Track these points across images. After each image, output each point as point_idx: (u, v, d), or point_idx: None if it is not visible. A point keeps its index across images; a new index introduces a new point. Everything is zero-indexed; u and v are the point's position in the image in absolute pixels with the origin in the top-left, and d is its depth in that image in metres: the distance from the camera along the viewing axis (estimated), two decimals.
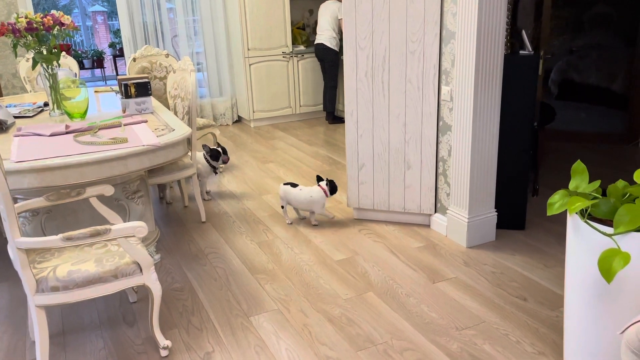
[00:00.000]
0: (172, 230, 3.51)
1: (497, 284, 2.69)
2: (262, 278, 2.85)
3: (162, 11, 6.05)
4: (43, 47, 3.08)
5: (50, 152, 2.43)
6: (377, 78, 3.18)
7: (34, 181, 2.32)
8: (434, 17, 2.95)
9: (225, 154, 3.92)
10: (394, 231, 3.35)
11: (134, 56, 4.38)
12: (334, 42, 5.92)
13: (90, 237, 1.94)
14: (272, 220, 3.60)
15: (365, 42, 3.14)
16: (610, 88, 5.41)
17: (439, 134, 3.16)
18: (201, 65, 6.46)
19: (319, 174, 4.43)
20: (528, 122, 3.06)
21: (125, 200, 2.95)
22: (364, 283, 2.76)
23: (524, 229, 3.27)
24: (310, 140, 5.60)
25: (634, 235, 1.54)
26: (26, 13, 2.98)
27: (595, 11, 5.61)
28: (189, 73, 3.41)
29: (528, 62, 2.97)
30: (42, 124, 3.04)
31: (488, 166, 3.01)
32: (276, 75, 6.25)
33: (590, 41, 5.71)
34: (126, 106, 3.22)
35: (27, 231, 2.78)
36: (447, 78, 3.00)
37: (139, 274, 2.10)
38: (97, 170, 2.43)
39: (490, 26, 2.76)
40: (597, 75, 5.53)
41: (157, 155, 2.64)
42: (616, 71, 5.35)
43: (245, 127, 6.39)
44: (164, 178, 3.35)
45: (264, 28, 6.02)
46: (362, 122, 3.30)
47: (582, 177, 1.65)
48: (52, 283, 1.98)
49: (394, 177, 3.33)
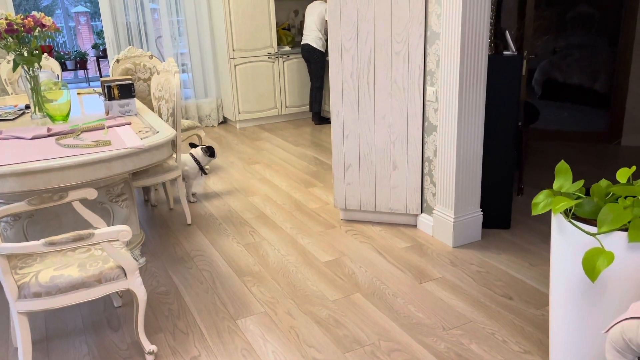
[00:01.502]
0: (157, 233, 3.47)
1: (483, 283, 2.71)
2: (248, 280, 2.83)
3: (146, 12, 6.00)
4: (24, 49, 3.03)
5: (31, 156, 2.39)
6: (363, 79, 3.18)
7: (15, 185, 2.28)
8: (419, 18, 2.96)
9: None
10: (380, 232, 3.35)
11: (117, 57, 4.34)
12: (319, 42, 5.91)
13: (73, 242, 1.91)
14: (258, 221, 3.58)
15: (350, 43, 3.14)
16: (593, 87, 5.48)
17: (424, 135, 3.17)
18: (186, 66, 6.41)
19: (304, 175, 4.43)
20: (512, 121, 3.09)
21: (109, 204, 2.91)
22: (351, 284, 2.76)
23: (510, 228, 3.29)
24: (296, 141, 5.59)
25: (618, 234, 1.56)
26: (6, 14, 2.93)
27: (578, 11, 5.67)
28: (172, 74, 3.38)
29: (512, 62, 3.00)
30: (24, 127, 2.99)
31: (473, 166, 3.03)
32: (262, 76, 6.23)
33: (573, 41, 5.78)
34: (109, 108, 3.19)
35: (9, 236, 2.73)
36: (432, 79, 3.01)
37: (123, 279, 2.08)
38: (79, 173, 2.40)
39: (474, 27, 2.77)
40: (580, 74, 5.60)
41: (141, 158, 2.61)
42: (599, 70, 5.42)
43: (231, 128, 6.36)
44: (149, 180, 3.32)
45: (249, 29, 6.00)
46: (348, 123, 3.30)
47: (565, 177, 1.67)
48: (35, 289, 1.95)
49: (380, 178, 3.33)
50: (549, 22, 5.76)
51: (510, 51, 3.09)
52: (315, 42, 5.90)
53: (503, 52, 3.09)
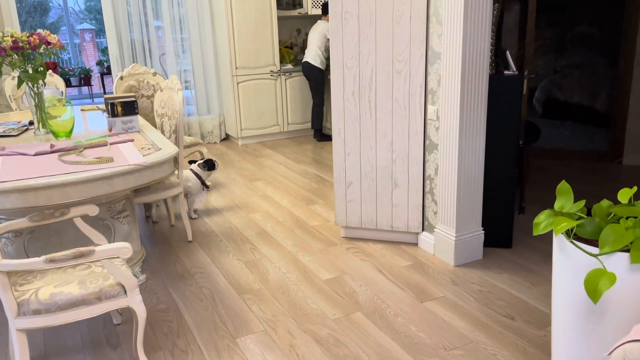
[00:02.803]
0: (158, 250, 3.47)
1: (485, 302, 2.69)
2: (248, 298, 2.82)
3: (150, 29, 6.06)
4: (29, 66, 3.06)
5: (34, 172, 2.40)
6: (364, 97, 3.20)
7: (17, 202, 2.29)
8: (420, 38, 2.98)
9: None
10: (382, 250, 3.34)
11: (121, 75, 4.37)
12: (318, 60, 5.96)
13: (74, 259, 1.91)
14: (259, 238, 3.57)
15: (352, 62, 3.17)
16: (593, 106, 5.50)
17: (425, 153, 3.17)
18: (189, 83, 6.46)
19: (306, 192, 4.44)
20: (513, 140, 3.09)
21: (110, 220, 2.91)
22: (351, 303, 2.74)
23: (511, 247, 3.28)
24: (298, 158, 5.61)
25: (620, 255, 1.55)
26: (12, 32, 2.97)
27: (578, 31, 5.72)
28: (176, 92, 3.41)
29: (512, 82, 3.01)
30: (27, 143, 3.01)
31: (474, 185, 3.03)
32: (264, 93, 6.27)
33: (573, 61, 5.82)
34: (112, 125, 3.20)
35: (10, 252, 2.73)
36: (433, 97, 3.03)
37: (123, 296, 2.07)
38: (81, 190, 2.41)
39: (475, 47, 2.80)
40: (581, 93, 5.63)
41: (143, 175, 2.62)
42: (599, 90, 5.45)
43: (233, 145, 6.38)
44: (150, 197, 3.32)
45: (251, 47, 6.06)
46: (350, 140, 3.31)
47: (567, 197, 1.67)
48: (34, 306, 1.94)
49: (381, 196, 3.33)
50: (550, 42, 5.82)
51: (511, 71, 3.11)
52: (314, 59, 5.96)
53: (504, 72, 3.11)
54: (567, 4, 5.65)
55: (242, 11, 5.90)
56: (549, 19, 5.65)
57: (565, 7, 5.67)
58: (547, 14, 5.59)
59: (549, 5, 5.62)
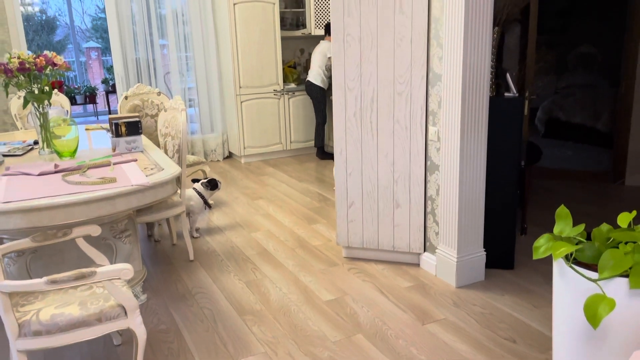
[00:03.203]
0: (159, 269, 3.47)
1: (487, 325, 2.68)
2: (249, 319, 2.81)
3: (155, 48, 6.14)
4: (34, 87, 3.10)
5: (38, 192, 2.42)
6: (366, 118, 3.23)
7: (21, 222, 2.30)
8: (421, 61, 3.02)
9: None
10: (383, 270, 3.33)
11: (125, 94, 4.42)
12: (319, 78, 6.01)
13: (75, 280, 1.91)
14: (260, 258, 3.58)
15: (353, 83, 3.20)
16: (595, 127, 5.52)
17: (427, 173, 3.19)
18: (193, 102, 6.52)
19: (308, 211, 4.45)
20: (514, 161, 3.11)
21: (112, 240, 2.92)
22: (352, 324, 2.73)
23: (513, 268, 3.27)
24: (300, 176, 5.62)
25: (619, 280, 1.55)
26: (19, 54, 3.01)
27: (580, 52, 5.77)
28: (179, 112, 3.44)
29: (513, 104, 3.04)
30: (31, 162, 3.04)
31: (476, 206, 3.03)
32: (267, 112, 6.31)
33: (575, 81, 5.86)
34: (116, 145, 3.23)
35: (12, 272, 2.74)
36: (434, 119, 3.05)
37: (123, 317, 2.07)
38: (84, 210, 2.42)
39: (475, 70, 2.83)
40: (583, 114, 5.65)
41: (146, 195, 2.64)
42: (601, 110, 5.47)
43: (236, 163, 6.41)
44: (153, 216, 3.34)
45: (255, 66, 6.12)
46: (351, 160, 3.33)
47: (566, 221, 1.67)
48: (35, 327, 1.95)
49: (383, 216, 3.34)
50: (551, 63, 5.86)
51: (511, 93, 3.13)
52: (315, 78, 6.02)
53: (504, 94, 3.14)
54: (569, 25, 5.71)
55: (246, 31, 5.98)
56: (551, 39, 5.70)
57: (567, 28, 5.73)
58: (549, 35, 5.64)
59: (551, 27, 5.68)
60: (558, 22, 5.75)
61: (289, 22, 6.71)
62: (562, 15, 5.73)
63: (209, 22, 6.24)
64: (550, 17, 5.60)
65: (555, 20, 5.72)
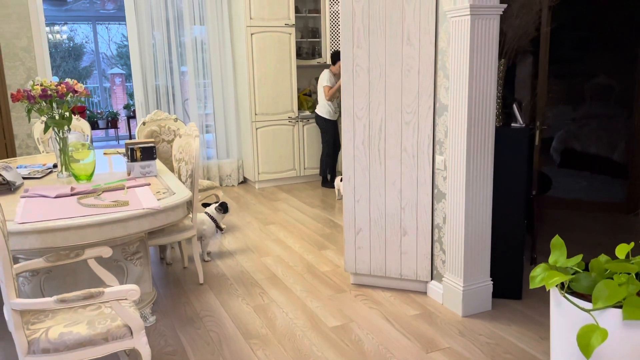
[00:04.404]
0: (169, 292, 3.53)
1: (492, 355, 2.67)
2: (255, 343, 2.84)
3: (174, 75, 6.31)
4: (55, 113, 3.24)
5: (53, 214, 2.51)
6: (374, 146, 3.29)
7: (35, 242, 2.39)
8: (428, 91, 3.08)
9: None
10: (390, 297, 3.34)
11: (143, 120, 4.56)
12: (324, 110, 6.08)
13: (84, 300, 1.98)
14: (269, 283, 3.61)
15: (362, 112, 3.27)
16: (611, 157, 5.49)
17: (434, 202, 3.22)
18: (210, 127, 6.66)
19: (318, 237, 4.48)
20: (522, 191, 3.12)
21: (124, 262, 3.00)
22: (357, 351, 2.74)
23: (521, 299, 3.25)
24: (312, 202, 5.68)
25: (613, 311, 1.56)
26: (42, 81, 3.16)
27: (596, 83, 5.78)
28: (193, 138, 3.54)
29: (520, 134, 3.07)
30: (49, 185, 3.15)
31: (482, 235, 3.04)
32: (282, 138, 6.42)
33: (590, 112, 5.85)
34: (131, 169, 3.34)
35: (26, 291, 2.82)
36: (441, 148, 3.10)
37: (129, 338, 2.12)
38: (97, 232, 2.51)
39: (481, 101, 2.88)
40: (598, 144, 5.63)
41: (157, 218, 2.72)
42: (617, 141, 5.45)
43: (250, 188, 6.51)
44: (164, 239, 3.41)
45: (271, 94, 6.26)
46: (359, 188, 3.38)
47: (560, 251, 1.69)
48: (44, 345, 2.01)
49: (390, 243, 3.36)
50: (567, 93, 5.87)
51: (518, 123, 3.17)
52: (319, 109, 6.12)
53: (511, 125, 3.18)
54: (586, 56, 5.73)
55: (263, 59, 6.13)
56: (567, 70, 5.72)
57: (583, 59, 5.75)
58: (565, 66, 5.66)
59: (568, 57, 5.70)
60: (575, 53, 5.77)
61: (305, 51, 6.86)
62: (578, 46, 5.76)
63: (227, 50, 6.42)
64: (567, 48, 5.64)
65: (572, 51, 5.76)
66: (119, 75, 14.48)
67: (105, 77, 15.09)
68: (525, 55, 4.86)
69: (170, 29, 6.22)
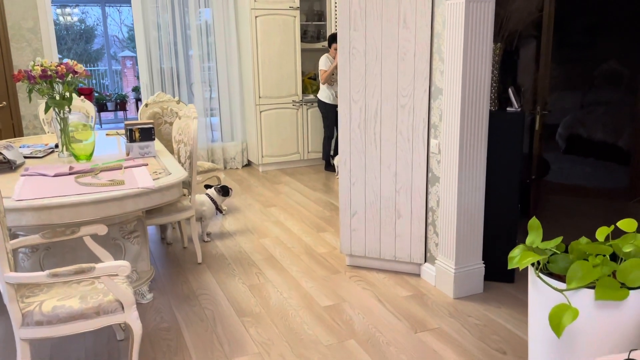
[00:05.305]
0: (168, 271, 3.60)
1: (480, 336, 2.70)
2: (247, 321, 2.90)
3: (179, 58, 6.34)
4: (56, 93, 3.29)
5: (50, 192, 2.57)
6: (370, 129, 3.30)
7: (32, 219, 2.46)
8: (424, 74, 3.08)
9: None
10: (384, 279, 3.38)
11: (146, 102, 4.61)
12: (323, 94, 6.07)
13: (75, 274, 2.04)
14: (266, 263, 3.67)
15: (358, 95, 3.29)
16: (616, 144, 5.44)
17: (428, 185, 3.23)
18: (215, 111, 6.70)
19: (318, 219, 4.53)
20: (516, 175, 3.13)
21: (121, 240, 3.06)
22: (347, 330, 2.79)
23: (513, 282, 3.28)
24: (314, 185, 5.72)
25: (585, 291, 1.58)
26: (42, 62, 3.20)
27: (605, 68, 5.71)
28: (192, 120, 3.58)
29: (514, 118, 3.07)
30: (49, 164, 3.21)
31: (474, 218, 3.06)
32: (286, 122, 6.44)
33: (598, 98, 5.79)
34: (130, 150, 3.39)
35: (26, 266, 2.90)
36: (436, 131, 3.11)
37: (120, 312, 2.18)
38: (92, 210, 2.56)
39: (475, 84, 2.88)
40: (604, 131, 5.58)
41: (152, 198, 2.77)
42: (623, 127, 5.40)
43: (254, 171, 6.55)
44: (163, 219, 3.47)
45: (275, 77, 6.27)
46: (355, 171, 3.41)
47: (537, 233, 1.71)
48: (37, 317, 2.08)
49: (385, 226, 3.39)
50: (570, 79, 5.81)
51: (513, 108, 3.16)
52: (320, 94, 6.12)
53: (507, 109, 3.17)
54: (596, 41, 5.65)
55: (267, 42, 6.13)
56: (576, 55, 5.65)
57: (594, 44, 5.67)
58: (574, 51, 5.59)
59: (577, 42, 5.63)
60: (585, 37, 5.69)
61: (310, 34, 6.85)
62: (589, 31, 5.67)
63: (232, 33, 6.42)
64: (577, 33, 5.56)
65: (582, 35, 5.68)
66: (130, 58, 14.54)
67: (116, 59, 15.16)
68: (529, 39, 4.82)
69: (176, 11, 6.23)
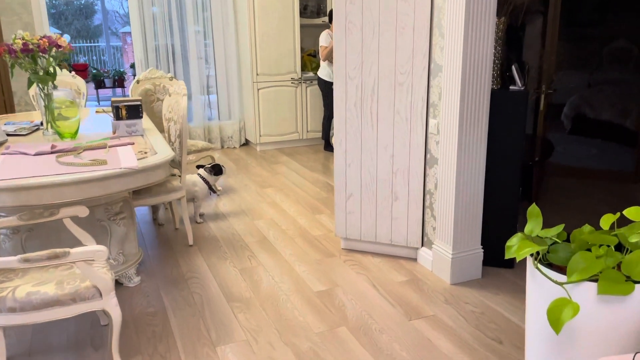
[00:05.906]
0: (158, 253, 3.50)
1: (476, 324, 2.60)
2: (236, 306, 2.81)
3: (175, 34, 6.16)
4: (39, 68, 3.15)
5: (29, 171, 2.46)
6: (366, 108, 3.16)
7: (8, 200, 2.35)
8: (423, 51, 2.93)
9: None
10: (379, 263, 3.28)
11: (137, 78, 4.47)
12: (323, 72, 5.86)
13: (48, 260, 1.93)
14: (259, 246, 3.57)
15: (354, 72, 3.14)
16: (624, 125, 5.28)
17: (426, 167, 3.11)
18: (212, 88, 6.54)
19: (314, 200, 4.42)
20: (518, 157, 2.99)
21: (107, 222, 2.96)
22: (338, 317, 2.69)
23: (513, 268, 3.17)
24: (312, 166, 5.59)
25: (588, 284, 1.47)
26: (24, 35, 3.06)
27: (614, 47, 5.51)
28: (181, 97, 3.44)
29: (517, 97, 2.92)
30: (31, 142, 3.09)
31: (474, 202, 2.94)
32: (284, 100, 6.29)
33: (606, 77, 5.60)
34: (117, 128, 3.26)
35: (7, 248, 2.80)
36: (435, 111, 2.97)
37: (98, 299, 2.09)
38: (72, 191, 2.45)
39: (476, 61, 2.73)
40: (611, 111, 5.41)
41: (136, 178, 2.66)
42: (631, 108, 5.23)
43: (252, 150, 6.42)
44: (151, 200, 3.36)
45: (273, 54, 6.09)
46: (351, 151, 3.28)
47: (537, 221, 1.59)
48: (10, 304, 1.98)
49: (381, 209, 3.28)
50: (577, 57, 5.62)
51: (517, 86, 3.01)
52: (320, 71, 5.90)
53: (510, 88, 3.02)
54: (605, 19, 5.44)
55: (265, 18, 5.95)
56: (584, 33, 5.45)
57: (602, 22, 5.46)
58: (583, 29, 5.39)
59: (586, 20, 5.43)
60: (593, 14, 5.48)
61: (310, 9, 6.64)
62: (598, 8, 5.46)
63: (229, 7, 6.23)
64: (586, 9, 5.35)
65: (591, 12, 5.47)
66: (130, 35, 14.33)
67: (117, 36, 14.93)
68: (536, 14, 4.63)
69: None
